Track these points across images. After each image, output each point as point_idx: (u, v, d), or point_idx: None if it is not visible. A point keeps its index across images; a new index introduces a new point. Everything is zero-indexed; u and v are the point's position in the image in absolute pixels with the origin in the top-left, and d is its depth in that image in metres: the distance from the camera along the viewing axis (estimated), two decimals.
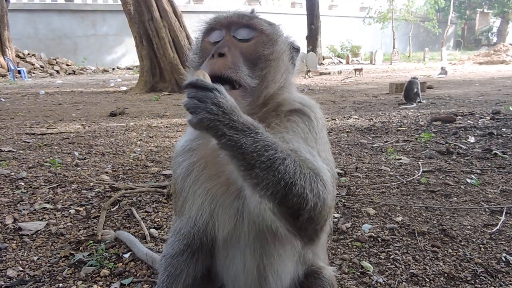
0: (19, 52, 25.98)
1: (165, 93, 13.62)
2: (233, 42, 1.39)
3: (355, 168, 4.33)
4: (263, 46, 1.40)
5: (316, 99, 1.60)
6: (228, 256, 1.52)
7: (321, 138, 1.39)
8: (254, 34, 1.40)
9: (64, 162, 4.75)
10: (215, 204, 1.40)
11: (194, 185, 1.43)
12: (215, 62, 1.30)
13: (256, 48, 1.39)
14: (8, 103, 11.37)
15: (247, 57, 1.37)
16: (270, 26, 1.47)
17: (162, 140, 6.04)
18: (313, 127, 1.37)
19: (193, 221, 1.46)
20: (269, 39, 1.42)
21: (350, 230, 2.85)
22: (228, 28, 1.41)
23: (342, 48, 40.77)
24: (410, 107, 9.00)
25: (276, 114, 1.40)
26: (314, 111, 1.46)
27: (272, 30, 1.45)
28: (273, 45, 1.43)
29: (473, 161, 4.48)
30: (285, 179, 1.09)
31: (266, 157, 1.08)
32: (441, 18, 52.32)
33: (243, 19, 1.42)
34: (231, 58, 1.32)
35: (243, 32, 1.40)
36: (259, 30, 1.41)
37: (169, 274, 1.52)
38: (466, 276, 2.23)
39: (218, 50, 1.32)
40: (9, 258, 2.49)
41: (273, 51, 1.42)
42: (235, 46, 1.37)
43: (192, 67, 1.50)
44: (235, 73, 1.31)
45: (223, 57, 1.31)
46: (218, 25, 1.44)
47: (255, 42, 1.40)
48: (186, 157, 1.47)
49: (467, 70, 22.24)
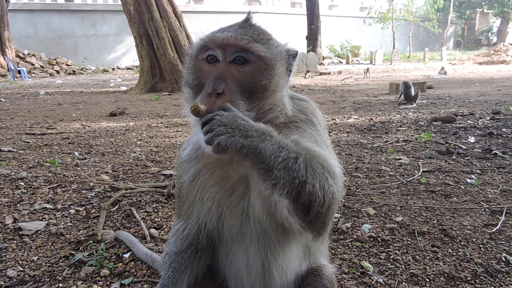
0: (19, 52, 25.99)
1: (165, 93, 13.63)
2: (230, 70, 1.33)
3: (355, 168, 4.33)
4: (261, 74, 1.35)
5: (316, 99, 1.61)
6: (230, 253, 1.56)
7: (325, 139, 1.47)
8: (251, 59, 1.35)
9: (64, 162, 4.75)
10: (222, 207, 1.46)
11: (201, 191, 1.48)
12: (214, 102, 1.27)
13: (253, 76, 1.35)
14: (8, 103, 11.37)
15: (244, 86, 1.33)
16: (268, 48, 1.39)
17: (162, 140, 6.04)
18: (318, 131, 1.44)
19: (203, 223, 1.52)
20: (267, 65, 1.37)
21: (350, 230, 2.85)
22: (224, 50, 1.35)
23: (342, 48, 40.77)
24: (410, 107, 9.00)
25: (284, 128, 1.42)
26: (315, 113, 1.50)
27: (270, 53, 1.38)
28: (271, 73, 1.37)
29: (473, 161, 4.48)
30: (298, 177, 1.16)
31: (282, 157, 1.16)
32: (441, 18, 52.34)
33: (241, 41, 1.33)
34: (229, 97, 1.29)
35: (240, 56, 1.34)
36: (257, 56, 1.35)
37: (174, 270, 1.55)
38: (466, 276, 2.23)
39: (215, 89, 1.27)
40: (9, 258, 2.49)
41: (271, 80, 1.37)
42: (231, 77, 1.32)
43: (187, 86, 1.45)
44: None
45: (221, 95, 1.28)
46: (214, 45, 1.36)
47: (253, 69, 1.35)
48: (192, 164, 1.50)
49: (467, 70, 22.24)
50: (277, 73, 1.40)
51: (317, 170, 1.19)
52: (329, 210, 1.23)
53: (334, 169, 1.25)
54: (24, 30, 30.18)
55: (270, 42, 1.42)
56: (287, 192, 1.16)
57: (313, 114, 1.48)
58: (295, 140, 1.31)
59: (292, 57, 1.49)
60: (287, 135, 1.37)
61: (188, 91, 1.45)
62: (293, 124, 1.43)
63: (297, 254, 1.56)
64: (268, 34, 1.45)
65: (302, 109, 1.49)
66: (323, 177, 1.20)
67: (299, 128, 1.41)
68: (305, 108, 1.50)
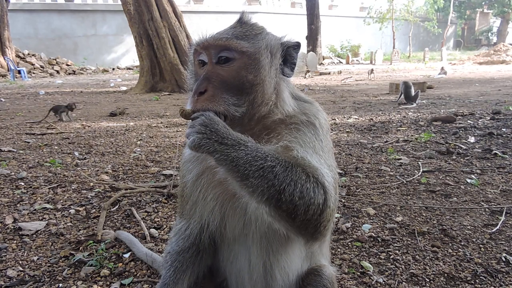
0: (19, 52, 25.99)
1: (165, 93, 13.63)
2: (216, 70, 1.37)
3: (355, 168, 4.33)
4: (246, 70, 1.36)
5: (316, 99, 1.61)
6: (232, 253, 1.56)
7: (326, 145, 1.45)
8: (235, 56, 1.36)
9: (64, 162, 4.75)
10: (225, 207, 1.47)
11: (204, 191, 1.48)
12: (196, 101, 1.32)
13: (238, 73, 1.36)
14: (8, 103, 11.37)
15: (231, 84, 1.35)
16: (252, 43, 1.39)
17: (162, 140, 6.04)
18: (318, 135, 1.42)
19: (205, 224, 1.52)
20: (251, 60, 1.37)
21: (350, 230, 2.85)
22: (208, 51, 1.39)
23: (342, 48, 40.76)
24: (410, 107, 9.00)
25: (285, 124, 1.43)
26: (318, 116, 1.48)
27: (253, 47, 1.38)
28: (256, 67, 1.38)
29: (473, 161, 4.48)
30: (275, 186, 1.19)
31: (257, 166, 1.19)
32: (441, 18, 52.32)
33: (219, 41, 1.36)
34: (212, 92, 1.33)
35: (223, 56, 1.37)
36: (239, 52, 1.36)
37: (176, 269, 1.55)
38: (466, 276, 2.23)
39: (197, 89, 1.33)
40: (9, 258, 2.49)
41: (257, 74, 1.37)
42: (216, 76, 1.35)
43: (189, 90, 1.49)
44: (218, 106, 1.32)
45: (204, 94, 1.32)
46: (200, 48, 1.42)
47: (238, 66, 1.36)
48: (196, 164, 1.50)
49: (467, 70, 22.24)
50: (263, 65, 1.39)
51: (298, 180, 1.21)
52: (320, 218, 1.24)
53: (321, 179, 1.26)
54: (24, 30, 30.18)
55: (258, 37, 1.42)
56: (266, 199, 1.19)
57: (316, 117, 1.47)
58: (286, 146, 1.33)
59: (293, 49, 1.48)
60: (284, 135, 1.37)
61: (190, 94, 1.46)
62: (293, 125, 1.42)
63: (299, 255, 1.57)
64: (258, 29, 1.46)
65: (304, 110, 1.48)
66: (305, 186, 1.21)
67: (298, 131, 1.40)
68: (307, 110, 1.49)
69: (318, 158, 1.35)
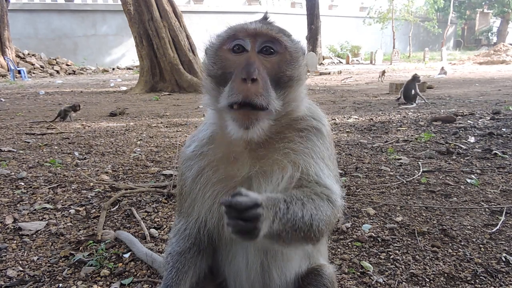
0: (19, 52, 25.97)
1: (165, 93, 13.63)
2: (260, 59, 1.34)
3: (355, 168, 4.33)
4: (286, 65, 1.38)
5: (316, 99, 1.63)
6: (230, 253, 1.56)
7: (331, 152, 1.50)
8: (278, 49, 1.37)
9: (64, 162, 4.75)
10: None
11: (204, 188, 1.47)
12: (248, 89, 1.26)
13: (279, 66, 1.37)
14: (8, 103, 11.37)
15: (272, 76, 1.35)
16: (292, 42, 1.43)
17: (162, 140, 6.04)
18: (325, 143, 1.47)
19: (203, 222, 1.51)
20: (292, 57, 1.40)
21: (350, 230, 2.85)
22: (254, 39, 1.36)
23: (342, 48, 40.75)
24: (410, 107, 9.00)
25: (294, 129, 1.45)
26: (324, 122, 1.52)
27: (294, 47, 1.42)
28: (295, 65, 1.40)
29: (473, 161, 4.48)
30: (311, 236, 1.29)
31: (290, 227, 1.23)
32: (441, 18, 52.32)
33: (271, 31, 1.36)
34: (262, 83, 1.29)
35: (267, 47, 1.36)
36: (284, 47, 1.38)
37: (178, 270, 1.55)
38: (466, 276, 2.23)
39: (250, 74, 1.26)
40: (9, 258, 2.50)
41: (295, 72, 1.40)
42: (262, 66, 1.33)
43: (210, 76, 1.44)
44: (266, 100, 1.29)
45: (255, 82, 1.27)
46: (244, 34, 1.36)
47: (279, 59, 1.37)
48: (197, 160, 1.50)
49: (467, 70, 22.23)
50: (300, 65, 1.43)
51: (323, 216, 1.30)
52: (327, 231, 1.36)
53: (334, 198, 1.37)
54: (24, 30, 30.16)
55: (292, 37, 1.47)
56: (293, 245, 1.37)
57: (322, 123, 1.50)
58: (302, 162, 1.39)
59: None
60: (297, 143, 1.42)
61: (210, 81, 1.43)
62: (305, 132, 1.45)
63: (297, 255, 1.57)
64: (288, 31, 1.49)
65: (313, 115, 1.51)
66: (328, 216, 1.31)
67: (309, 141, 1.44)
68: (315, 114, 1.52)
69: (328, 171, 1.42)
